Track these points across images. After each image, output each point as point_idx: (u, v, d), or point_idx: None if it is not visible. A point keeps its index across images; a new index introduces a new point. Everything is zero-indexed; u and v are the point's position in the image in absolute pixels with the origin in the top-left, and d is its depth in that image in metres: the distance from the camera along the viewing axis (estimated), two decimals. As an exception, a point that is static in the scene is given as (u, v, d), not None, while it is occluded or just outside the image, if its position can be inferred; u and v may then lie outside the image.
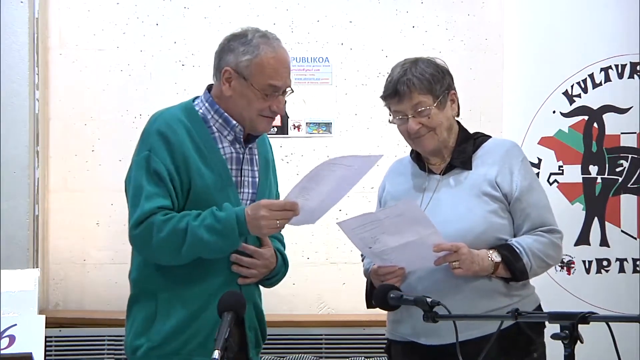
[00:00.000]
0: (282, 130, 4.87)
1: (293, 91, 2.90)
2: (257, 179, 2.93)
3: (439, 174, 2.98)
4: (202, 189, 2.80)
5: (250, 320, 2.88)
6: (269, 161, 3.01)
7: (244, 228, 2.74)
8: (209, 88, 2.93)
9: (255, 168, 2.94)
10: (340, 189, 2.84)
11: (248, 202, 2.88)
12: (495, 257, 2.83)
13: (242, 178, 2.90)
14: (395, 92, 2.91)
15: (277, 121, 4.84)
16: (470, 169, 2.95)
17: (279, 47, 2.86)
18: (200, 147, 2.82)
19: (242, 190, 2.89)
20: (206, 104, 2.89)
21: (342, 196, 2.87)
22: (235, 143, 2.89)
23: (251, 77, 2.81)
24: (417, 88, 2.89)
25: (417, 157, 3.04)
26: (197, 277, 2.81)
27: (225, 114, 2.86)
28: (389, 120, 2.99)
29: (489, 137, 3.05)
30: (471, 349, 2.55)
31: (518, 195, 2.90)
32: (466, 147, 2.98)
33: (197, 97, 2.95)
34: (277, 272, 2.96)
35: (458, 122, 3.03)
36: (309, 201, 2.77)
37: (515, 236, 2.90)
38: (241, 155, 2.90)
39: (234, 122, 2.86)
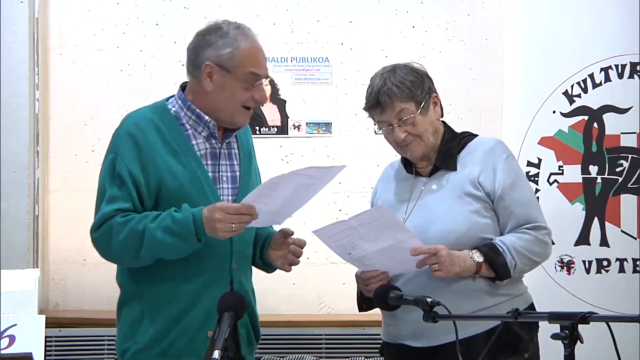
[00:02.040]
0: (282, 130, 4.86)
1: (271, 80, 2.89)
2: (237, 174, 2.91)
3: (426, 177, 2.98)
4: (175, 187, 2.78)
5: (243, 317, 2.83)
6: (251, 154, 3.00)
7: (201, 229, 2.71)
8: (183, 87, 2.93)
9: (235, 162, 2.92)
10: (302, 196, 2.83)
11: (229, 197, 2.87)
12: (477, 257, 2.82)
13: (220, 174, 2.88)
14: (377, 102, 2.92)
15: (277, 121, 4.85)
16: (455, 170, 2.94)
17: (255, 37, 2.88)
18: (172, 145, 2.82)
19: (220, 186, 2.87)
20: (179, 102, 2.89)
21: (305, 202, 2.86)
22: (210, 139, 2.88)
23: (234, 69, 2.81)
24: (398, 96, 2.90)
25: (405, 160, 3.04)
26: (182, 277, 2.80)
27: (198, 110, 2.85)
28: (375, 131, 3.00)
29: (475, 136, 3.04)
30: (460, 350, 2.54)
31: (501, 194, 2.88)
32: (451, 147, 2.97)
33: (171, 96, 2.94)
34: None
35: (443, 122, 3.02)
36: (268, 205, 2.74)
37: (501, 235, 2.89)
38: (218, 151, 2.89)
39: (207, 117, 2.85)
